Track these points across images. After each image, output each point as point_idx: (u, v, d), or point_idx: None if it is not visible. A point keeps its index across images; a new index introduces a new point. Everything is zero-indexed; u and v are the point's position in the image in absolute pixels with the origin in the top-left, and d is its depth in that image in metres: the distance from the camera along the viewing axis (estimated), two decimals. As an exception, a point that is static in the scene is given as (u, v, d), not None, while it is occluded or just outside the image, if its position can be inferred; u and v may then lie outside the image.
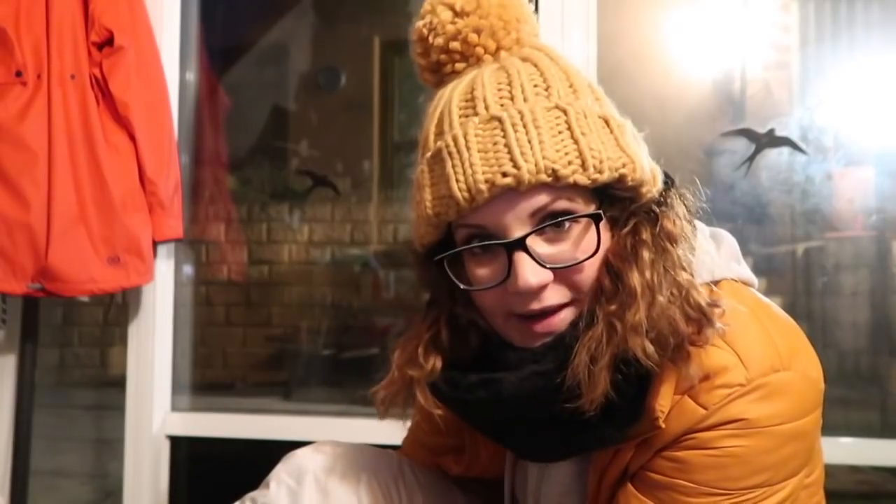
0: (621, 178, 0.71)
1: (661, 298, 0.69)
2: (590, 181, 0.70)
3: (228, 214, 2.57)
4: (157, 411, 1.81)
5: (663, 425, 0.72)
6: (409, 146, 2.80)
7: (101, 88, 1.64)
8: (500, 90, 0.73)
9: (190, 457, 1.90)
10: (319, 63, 2.74)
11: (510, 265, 0.70)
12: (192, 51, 1.98)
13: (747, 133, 1.85)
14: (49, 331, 2.30)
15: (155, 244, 1.71)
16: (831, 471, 1.85)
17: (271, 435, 1.83)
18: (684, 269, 0.72)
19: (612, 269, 0.72)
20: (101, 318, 2.55)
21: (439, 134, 0.75)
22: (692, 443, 0.72)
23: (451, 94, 0.76)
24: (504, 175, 0.68)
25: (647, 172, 0.74)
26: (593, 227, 0.72)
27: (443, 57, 0.80)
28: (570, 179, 0.69)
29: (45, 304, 1.83)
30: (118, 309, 1.95)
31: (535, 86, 0.73)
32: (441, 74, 0.81)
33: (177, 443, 1.85)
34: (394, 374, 0.82)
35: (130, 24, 1.67)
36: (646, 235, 0.72)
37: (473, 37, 0.77)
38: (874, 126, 1.85)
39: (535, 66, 0.75)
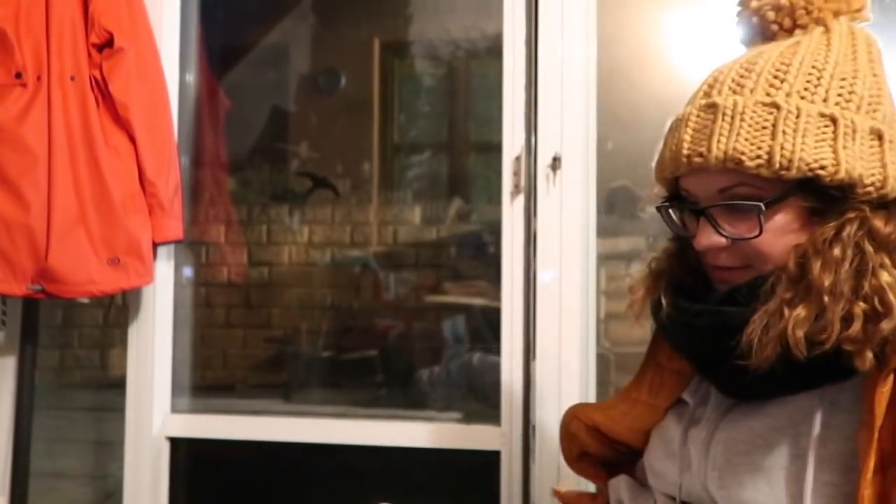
0: (816, 177, 0.76)
1: (836, 305, 0.74)
2: (773, 175, 0.77)
3: (228, 216, 2.57)
4: (156, 413, 1.81)
5: None
6: (409, 147, 2.80)
7: (101, 90, 1.64)
8: (741, 77, 0.82)
9: (190, 458, 1.90)
10: (319, 64, 2.74)
11: (697, 226, 0.84)
12: (191, 52, 1.98)
13: (747, 134, 1.85)
14: (49, 332, 2.30)
15: (155, 246, 1.71)
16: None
17: (271, 436, 1.83)
18: (887, 271, 0.75)
19: (803, 258, 0.77)
20: (101, 320, 2.54)
21: (690, 102, 0.86)
22: None
23: (723, 67, 0.86)
24: (700, 155, 0.79)
25: (863, 175, 0.77)
26: (759, 216, 0.78)
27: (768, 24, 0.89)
28: (754, 171, 0.77)
29: (44, 305, 1.83)
30: (118, 310, 1.94)
31: (775, 76, 0.80)
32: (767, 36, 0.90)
33: (177, 444, 1.85)
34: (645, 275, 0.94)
35: (130, 26, 1.67)
36: (846, 233, 0.76)
37: (771, 14, 0.87)
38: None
39: (801, 54, 0.82)
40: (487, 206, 2.42)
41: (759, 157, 0.76)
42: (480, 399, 2.00)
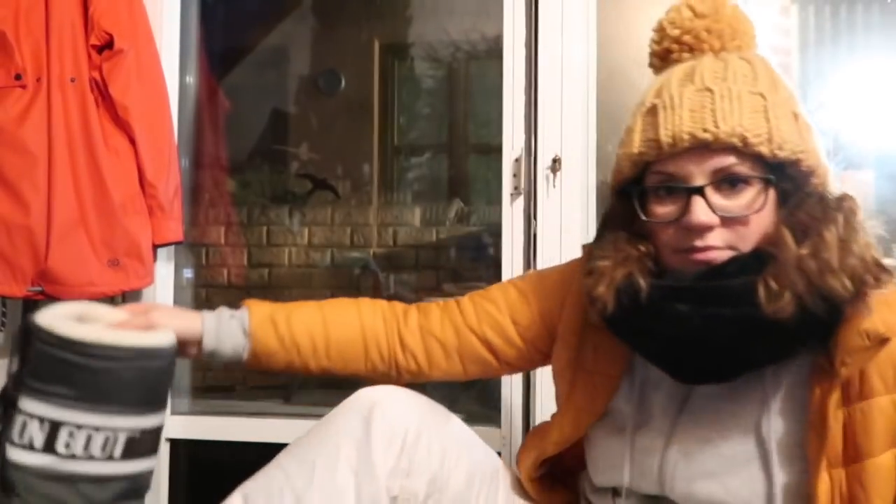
0: (798, 161, 0.85)
1: (855, 247, 0.81)
2: (771, 154, 0.83)
3: (228, 217, 2.57)
4: (156, 415, 1.81)
5: (890, 335, 0.80)
6: (409, 149, 2.81)
7: (101, 92, 1.64)
8: (715, 73, 0.88)
9: (190, 460, 1.90)
10: (319, 66, 2.74)
11: (687, 205, 0.84)
12: (192, 54, 1.98)
13: (747, 136, 1.85)
14: (49, 334, 2.29)
15: (155, 247, 1.71)
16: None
17: (271, 438, 1.82)
18: (866, 232, 0.84)
19: (800, 226, 0.84)
20: (101, 322, 2.54)
21: (657, 96, 0.89)
22: None
23: (672, 71, 0.92)
24: (705, 131, 0.83)
25: (821, 165, 0.87)
26: (764, 191, 0.84)
27: (674, 46, 0.95)
28: (756, 148, 0.83)
29: (45, 307, 1.83)
30: (118, 312, 1.94)
31: (745, 76, 0.87)
32: (668, 61, 0.95)
33: (177, 446, 1.85)
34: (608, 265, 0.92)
35: (130, 28, 1.67)
36: (834, 205, 0.85)
37: (704, 34, 0.92)
38: (874, 129, 1.86)
39: (749, 63, 0.90)
40: (487, 207, 2.42)
41: (759, 135, 0.83)
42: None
